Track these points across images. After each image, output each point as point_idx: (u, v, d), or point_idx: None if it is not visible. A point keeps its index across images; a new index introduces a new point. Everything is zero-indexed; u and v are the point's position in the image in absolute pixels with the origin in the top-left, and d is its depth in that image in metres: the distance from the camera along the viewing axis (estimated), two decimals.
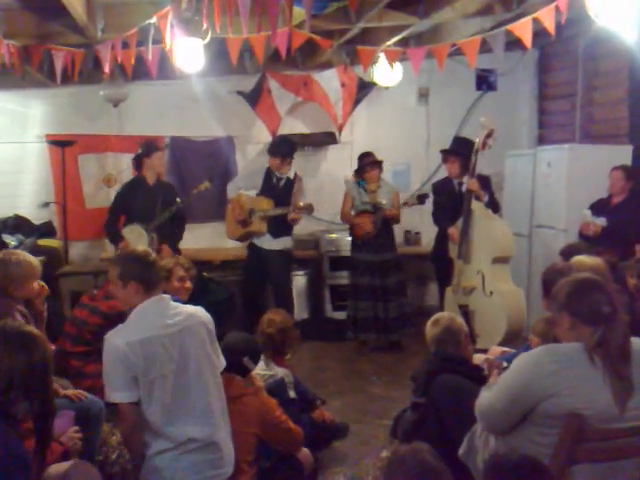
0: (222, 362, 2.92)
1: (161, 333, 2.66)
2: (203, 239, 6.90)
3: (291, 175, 5.91)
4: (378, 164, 5.84)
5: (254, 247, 5.90)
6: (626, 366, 2.18)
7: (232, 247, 6.89)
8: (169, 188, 5.76)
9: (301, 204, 5.70)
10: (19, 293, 3.26)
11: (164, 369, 2.64)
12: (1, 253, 3.34)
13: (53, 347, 3.38)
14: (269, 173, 5.88)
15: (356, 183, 5.90)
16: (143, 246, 5.18)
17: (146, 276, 2.75)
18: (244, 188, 5.93)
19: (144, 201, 5.46)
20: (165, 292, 3.89)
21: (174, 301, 2.87)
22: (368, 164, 5.79)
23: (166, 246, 5.33)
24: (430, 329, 3.30)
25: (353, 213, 5.92)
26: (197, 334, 2.76)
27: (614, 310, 2.23)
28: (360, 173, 5.86)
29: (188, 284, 3.93)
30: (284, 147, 5.89)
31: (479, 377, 3.03)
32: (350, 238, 6.05)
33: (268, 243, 5.81)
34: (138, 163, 5.61)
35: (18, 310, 3.21)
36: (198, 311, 2.86)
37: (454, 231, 5.53)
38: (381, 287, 5.78)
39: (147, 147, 5.65)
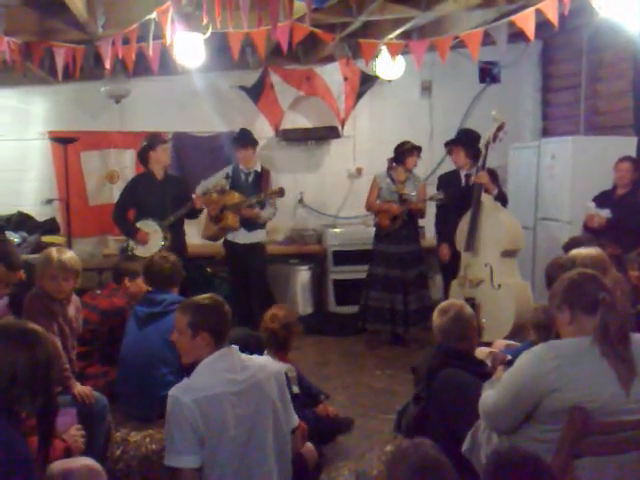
0: (294, 420, 2.70)
1: (230, 390, 2.44)
2: None
3: (258, 168, 5.90)
4: (418, 150, 5.84)
5: (229, 243, 5.87)
6: (627, 348, 2.21)
7: None
8: (179, 182, 5.75)
9: (272, 188, 5.70)
10: (44, 285, 3.35)
11: (231, 431, 2.41)
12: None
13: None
14: (237, 171, 5.85)
15: (385, 173, 5.89)
16: (157, 244, 5.32)
17: (219, 327, 2.55)
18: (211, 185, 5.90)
19: (153, 197, 5.45)
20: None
21: None
22: (411, 148, 5.76)
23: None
24: (437, 317, 3.22)
25: (379, 203, 5.87)
26: (267, 390, 2.55)
27: (611, 295, 2.27)
28: (402, 158, 5.79)
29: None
30: (249, 136, 5.88)
31: (481, 372, 3.01)
32: (374, 229, 6.02)
33: (242, 237, 5.78)
34: (144, 157, 5.59)
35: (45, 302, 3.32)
36: (268, 363, 2.69)
37: (445, 250, 5.69)
38: (400, 279, 5.75)
39: (151, 140, 5.64)
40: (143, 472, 3.38)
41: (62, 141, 6.13)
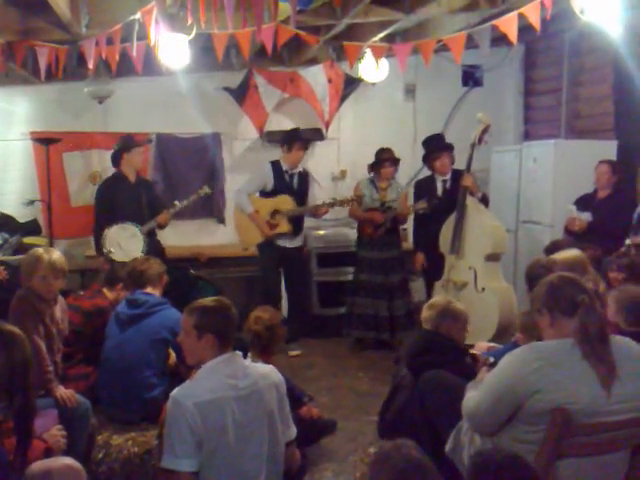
0: (291, 432, 2.71)
1: (231, 395, 2.44)
2: (190, 236, 6.87)
3: (301, 169, 5.90)
4: (396, 162, 5.82)
5: (272, 247, 5.75)
6: (607, 350, 2.24)
7: (220, 244, 6.88)
8: (150, 186, 5.76)
9: (351, 196, 5.72)
10: (33, 286, 3.34)
11: (229, 436, 2.41)
12: None
13: None
14: (279, 172, 5.77)
15: (368, 180, 5.88)
16: (137, 248, 5.23)
17: (224, 330, 2.53)
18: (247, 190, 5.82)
19: (128, 200, 5.40)
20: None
21: None
22: (387, 160, 5.75)
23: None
24: (426, 310, 3.46)
25: (361, 210, 5.87)
26: (267, 399, 2.54)
27: (589, 297, 2.30)
28: (376, 168, 5.80)
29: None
30: (300, 134, 5.89)
31: (464, 362, 3.14)
32: (353, 232, 6.08)
33: (290, 242, 5.77)
34: (117, 159, 5.52)
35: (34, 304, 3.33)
36: (271, 372, 2.66)
37: (420, 257, 5.78)
38: (384, 285, 5.76)
39: (126, 142, 5.55)
40: (125, 475, 3.36)
41: (44, 142, 6.07)
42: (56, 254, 3.43)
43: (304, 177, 5.89)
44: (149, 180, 6.02)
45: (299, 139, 5.79)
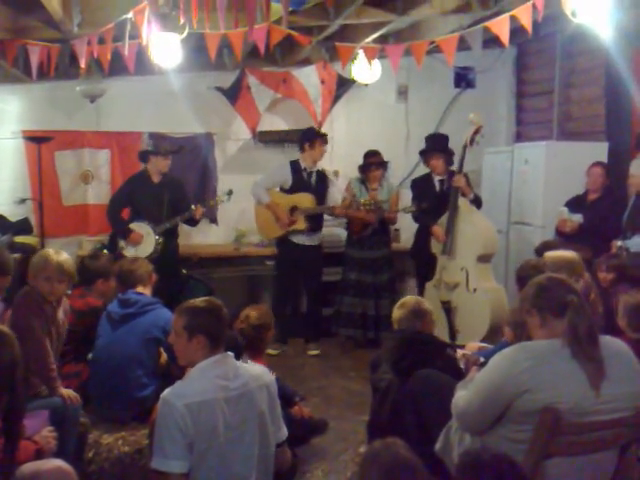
0: (282, 433, 2.68)
1: (221, 396, 2.42)
2: (182, 236, 6.85)
3: (319, 168, 5.93)
4: (383, 165, 5.86)
5: (290, 244, 5.80)
6: (596, 350, 2.25)
7: (212, 244, 6.87)
8: (176, 186, 5.71)
9: (367, 199, 5.68)
10: (38, 286, 3.30)
11: (220, 438, 2.40)
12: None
13: None
14: (298, 170, 5.81)
15: (358, 180, 5.91)
16: (148, 246, 5.35)
17: (215, 331, 2.51)
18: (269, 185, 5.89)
19: (148, 199, 5.50)
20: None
21: None
22: (373, 164, 5.80)
23: None
24: (396, 310, 3.54)
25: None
26: (258, 400, 2.52)
27: (578, 298, 2.32)
28: (364, 171, 5.87)
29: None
30: (317, 131, 5.97)
31: (445, 354, 3.23)
32: (346, 233, 6.09)
33: (308, 239, 5.79)
34: (145, 158, 5.65)
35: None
36: (262, 373, 2.64)
37: (439, 230, 5.51)
38: (372, 284, 5.79)
39: (159, 147, 5.71)
40: (115, 475, 3.35)
41: (36, 140, 6.06)
42: (64, 256, 3.40)
43: (322, 176, 5.93)
44: (178, 180, 5.87)
45: (319, 135, 5.88)
